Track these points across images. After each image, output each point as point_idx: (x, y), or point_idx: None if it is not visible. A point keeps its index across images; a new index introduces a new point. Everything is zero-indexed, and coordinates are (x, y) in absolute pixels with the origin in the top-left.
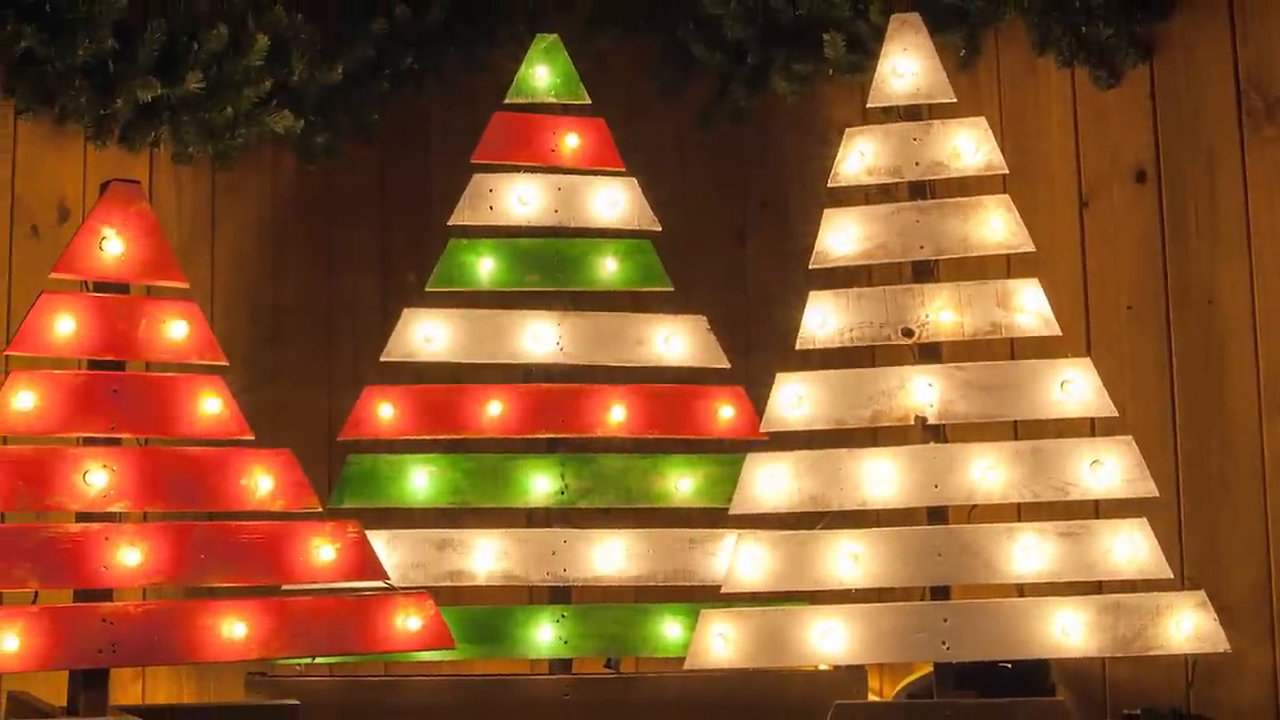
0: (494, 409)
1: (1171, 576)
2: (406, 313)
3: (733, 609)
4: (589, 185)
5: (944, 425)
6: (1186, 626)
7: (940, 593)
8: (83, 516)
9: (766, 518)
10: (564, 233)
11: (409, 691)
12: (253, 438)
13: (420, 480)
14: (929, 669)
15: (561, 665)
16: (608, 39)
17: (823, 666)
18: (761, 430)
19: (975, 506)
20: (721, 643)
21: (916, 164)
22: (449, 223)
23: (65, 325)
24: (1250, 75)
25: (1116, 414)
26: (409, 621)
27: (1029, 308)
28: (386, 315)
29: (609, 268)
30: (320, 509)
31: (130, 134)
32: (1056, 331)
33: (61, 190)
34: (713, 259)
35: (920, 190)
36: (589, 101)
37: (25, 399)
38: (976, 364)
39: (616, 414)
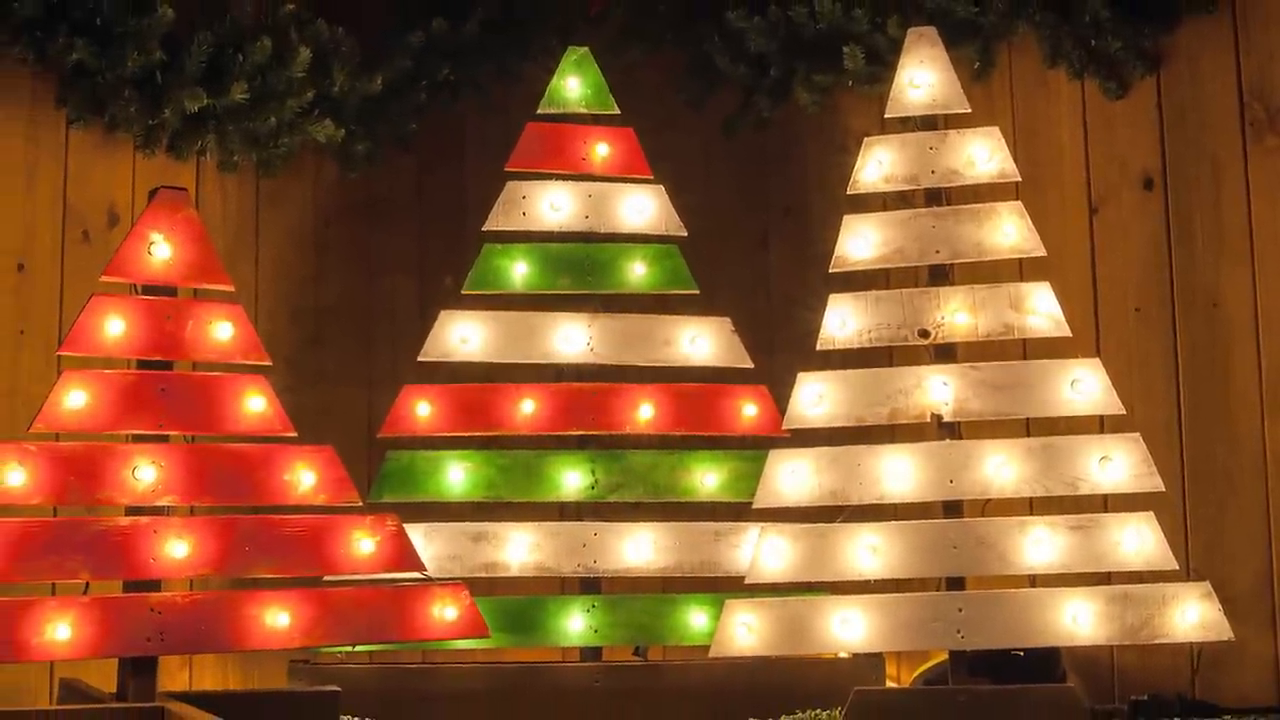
0: (527, 407)
1: (1177, 568)
2: (443, 315)
3: (756, 599)
4: (618, 192)
5: (959, 423)
6: (1192, 616)
7: (955, 583)
8: (132, 510)
9: (788, 511)
10: (594, 238)
11: (445, 678)
12: (295, 435)
13: (456, 475)
14: (945, 656)
15: (592, 653)
16: (637, 52)
17: (842, 654)
18: (784, 427)
19: (989, 501)
20: (745, 632)
21: (932, 172)
22: (484, 228)
23: (115, 326)
24: (1253, 86)
25: (1124, 412)
26: (445, 611)
27: (1040, 310)
28: (424, 317)
29: (637, 271)
30: (360, 503)
31: (178, 143)
32: (1067, 333)
33: (111, 197)
34: (737, 263)
35: (936, 197)
36: (618, 112)
37: (77, 397)
38: (990, 364)
39: (645, 412)
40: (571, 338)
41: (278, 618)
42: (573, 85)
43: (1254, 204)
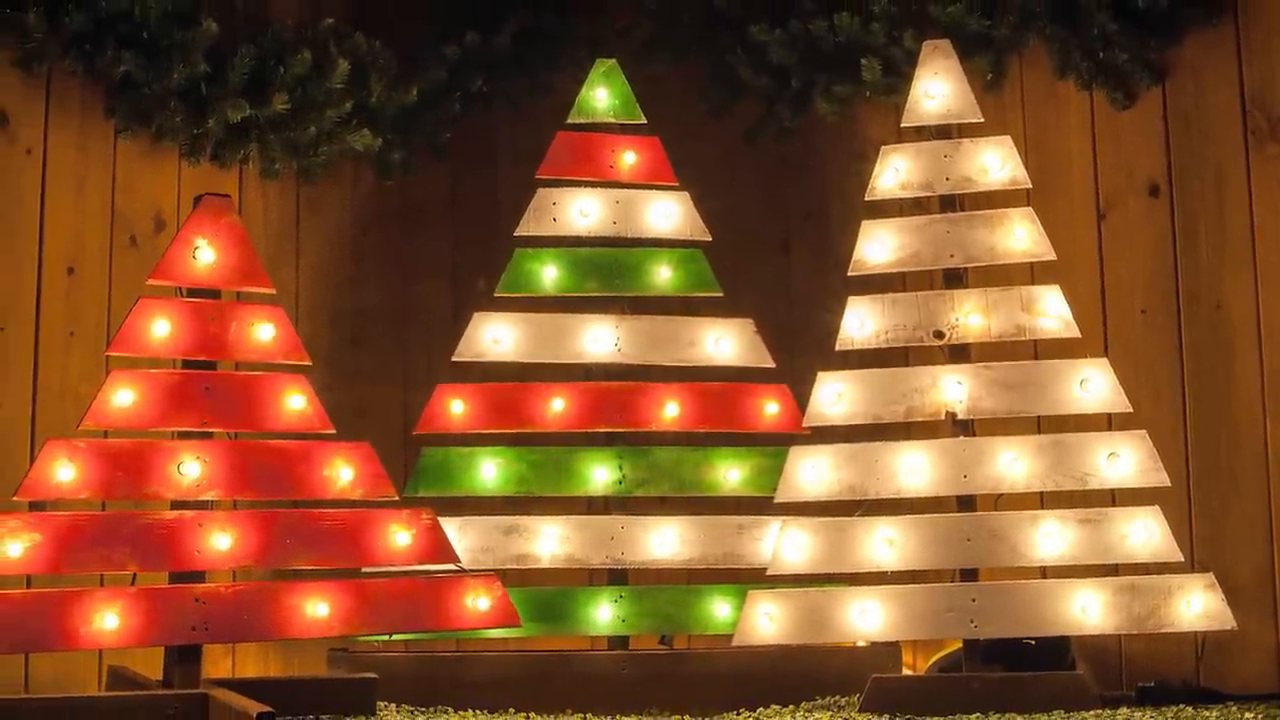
0: (557, 405)
1: (1182, 560)
2: (476, 316)
3: (777, 590)
4: (645, 199)
5: (972, 420)
6: (1196, 606)
7: (969, 575)
8: (177, 504)
9: (809, 505)
10: (621, 243)
11: (479, 666)
12: (334, 432)
13: (489, 471)
14: (959, 645)
15: (619, 642)
16: (662, 64)
17: (860, 643)
18: (804, 425)
19: (1001, 495)
20: (767, 621)
21: (947, 179)
22: (515, 233)
23: (161, 328)
24: (1255, 97)
25: (1131, 410)
26: (479, 601)
27: (1051, 312)
28: (457, 319)
29: (663, 275)
30: (397, 497)
31: (221, 151)
32: (1076, 334)
33: (158, 203)
34: (759, 267)
35: (950, 203)
36: (645, 121)
37: (125, 396)
38: (1002, 364)
39: (670, 410)
40: (600, 338)
41: (317, 608)
42: (601, 96)
43: (1256, 210)
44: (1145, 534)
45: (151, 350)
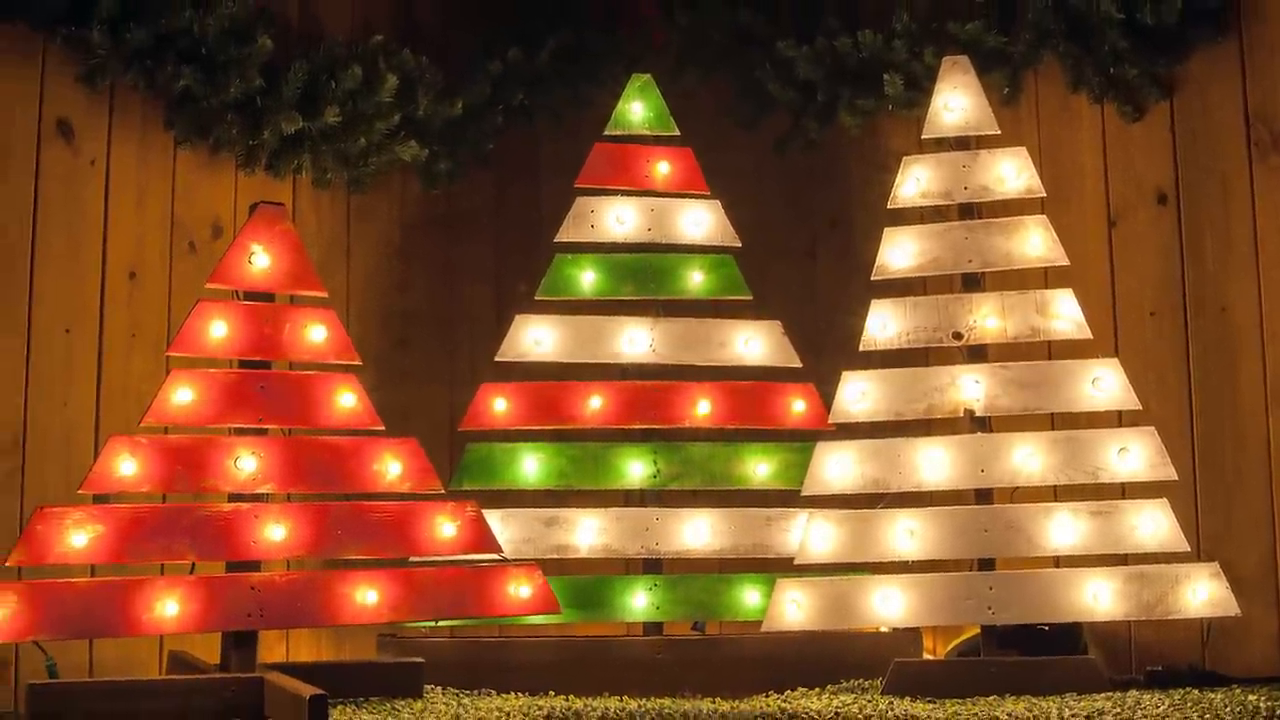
0: (595, 403)
1: (1189, 550)
2: (518, 319)
3: (804, 578)
4: (678, 207)
5: (989, 417)
6: (1202, 594)
7: (986, 564)
8: (234, 497)
9: (834, 498)
10: (656, 248)
11: (520, 651)
12: (383, 428)
13: (530, 465)
14: (977, 631)
15: (654, 628)
16: (695, 78)
17: (883, 629)
18: (829, 422)
19: (1017, 489)
20: (794, 608)
21: (965, 188)
22: (555, 240)
23: (219, 329)
24: (1258, 111)
25: (1141, 407)
26: (520, 589)
27: (1064, 314)
28: (500, 321)
29: (695, 279)
30: (442, 491)
31: (275, 162)
32: (1088, 335)
33: (215, 211)
34: (787, 272)
35: (969, 211)
36: (678, 133)
37: (184, 394)
38: (1018, 364)
39: (702, 407)
40: (635, 339)
41: (367, 595)
42: (637, 109)
43: (1259, 218)
44: (1154, 525)
45: (209, 351)
